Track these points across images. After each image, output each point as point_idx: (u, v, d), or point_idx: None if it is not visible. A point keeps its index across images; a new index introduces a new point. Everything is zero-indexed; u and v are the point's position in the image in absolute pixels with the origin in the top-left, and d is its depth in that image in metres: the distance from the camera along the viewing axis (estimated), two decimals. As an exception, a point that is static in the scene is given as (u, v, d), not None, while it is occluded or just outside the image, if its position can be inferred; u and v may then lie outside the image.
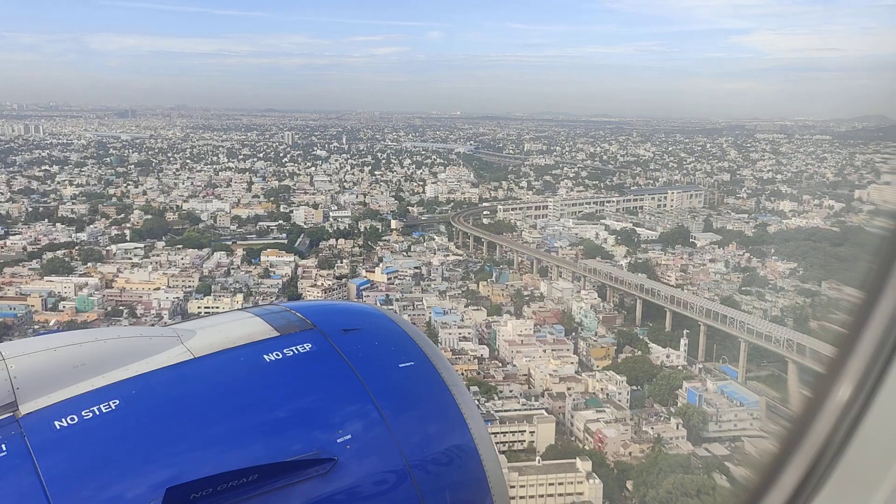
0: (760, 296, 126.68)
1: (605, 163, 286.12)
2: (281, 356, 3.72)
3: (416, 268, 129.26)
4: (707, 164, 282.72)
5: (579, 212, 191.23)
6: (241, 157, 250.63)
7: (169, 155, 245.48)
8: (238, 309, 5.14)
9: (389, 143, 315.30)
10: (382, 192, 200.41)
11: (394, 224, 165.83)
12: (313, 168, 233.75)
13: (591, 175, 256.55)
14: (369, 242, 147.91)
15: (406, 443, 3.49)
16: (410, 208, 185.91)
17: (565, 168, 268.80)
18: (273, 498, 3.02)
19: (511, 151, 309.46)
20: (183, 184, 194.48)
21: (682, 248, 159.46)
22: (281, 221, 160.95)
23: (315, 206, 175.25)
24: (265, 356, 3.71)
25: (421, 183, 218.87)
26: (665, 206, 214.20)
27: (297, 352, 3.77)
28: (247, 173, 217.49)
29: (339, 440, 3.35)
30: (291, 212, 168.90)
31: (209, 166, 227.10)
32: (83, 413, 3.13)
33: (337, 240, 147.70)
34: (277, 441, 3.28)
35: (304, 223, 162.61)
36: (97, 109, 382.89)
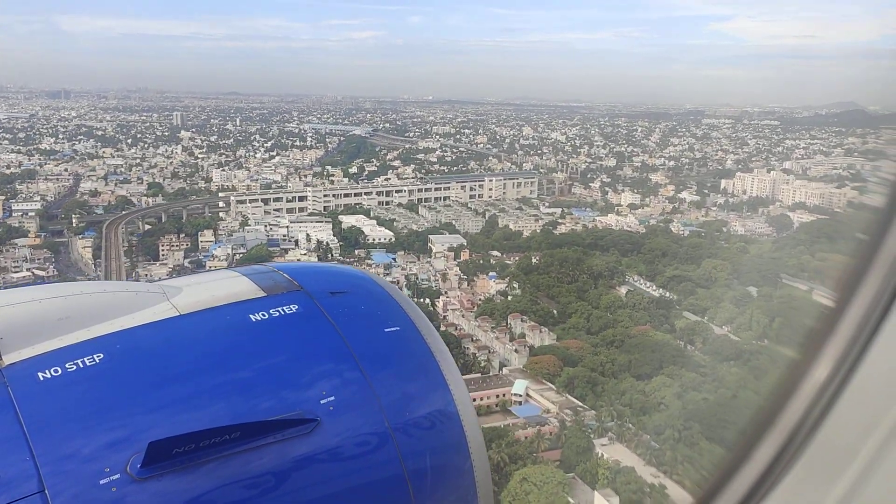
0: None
1: (496, 146, 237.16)
2: (267, 316, 3.31)
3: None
4: (604, 150, 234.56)
5: (349, 204, 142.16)
6: (79, 137, 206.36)
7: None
8: (225, 268, 4.43)
9: (296, 125, 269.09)
10: (155, 178, 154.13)
11: (75, 221, 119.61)
12: (135, 149, 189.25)
13: (457, 159, 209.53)
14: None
15: (389, 406, 3.16)
16: (151, 199, 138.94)
17: (438, 152, 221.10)
18: (255, 456, 2.79)
19: (413, 135, 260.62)
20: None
21: (404, 256, 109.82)
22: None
23: (13, 195, 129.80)
24: (251, 316, 3.30)
25: (234, 167, 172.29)
26: (480, 195, 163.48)
27: (283, 312, 3.35)
28: (38, 156, 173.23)
29: (322, 401, 3.03)
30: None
31: (18, 147, 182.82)
32: (67, 365, 2.84)
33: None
34: (261, 400, 2.97)
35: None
36: (48, 91, 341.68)
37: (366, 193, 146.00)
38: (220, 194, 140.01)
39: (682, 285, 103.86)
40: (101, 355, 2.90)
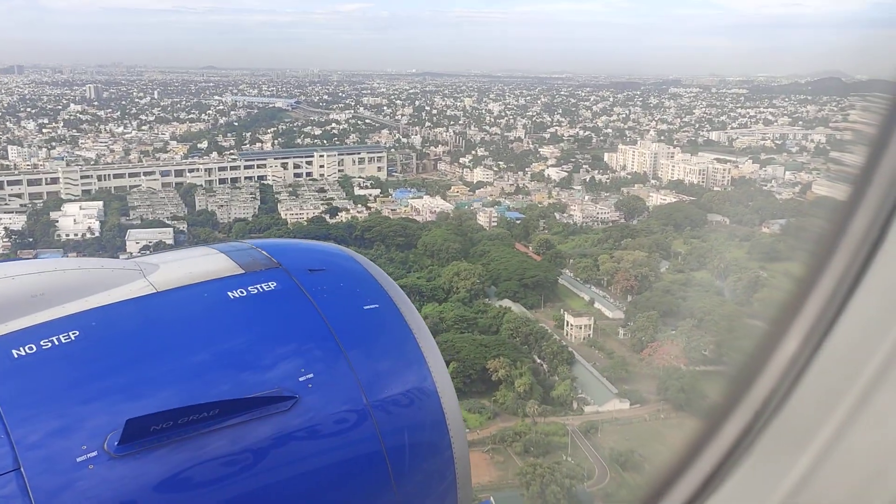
0: None
1: (416, 118, 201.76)
2: (245, 293, 3.06)
3: None
4: (525, 120, 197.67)
5: (122, 186, 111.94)
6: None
7: None
8: (202, 245, 3.94)
9: (219, 98, 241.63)
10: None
11: None
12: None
13: (344, 132, 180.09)
14: None
15: (367, 383, 2.97)
16: None
17: (334, 124, 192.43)
18: (233, 433, 2.60)
19: (340, 107, 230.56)
20: None
21: (76, 258, 79.28)
22: None
23: None
24: (229, 293, 3.05)
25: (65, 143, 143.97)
26: (309, 173, 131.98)
27: (261, 290, 3.10)
28: None
29: (301, 379, 2.84)
30: None
31: None
32: (42, 343, 2.61)
33: None
34: (239, 377, 2.80)
35: None
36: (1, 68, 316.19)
37: (146, 174, 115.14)
38: None
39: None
40: (77, 333, 2.67)
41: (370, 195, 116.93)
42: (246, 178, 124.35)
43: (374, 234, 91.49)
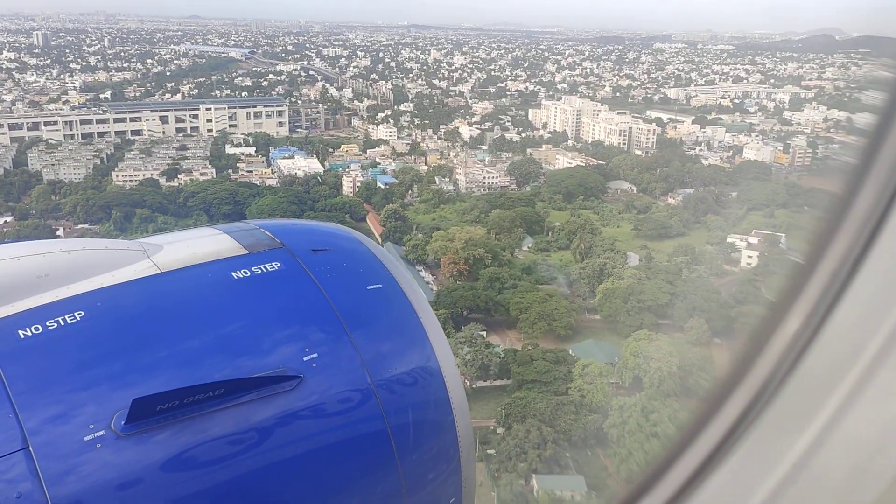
0: None
1: (372, 69, 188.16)
2: (249, 274, 2.98)
3: None
4: (483, 74, 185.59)
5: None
6: None
7: None
8: (206, 226, 3.75)
9: (174, 47, 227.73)
10: None
11: None
12: None
13: (275, 83, 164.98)
14: None
15: (372, 363, 2.91)
16: None
17: (272, 76, 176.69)
18: (238, 412, 2.55)
19: (296, 57, 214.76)
20: None
21: None
22: None
23: None
24: (233, 273, 2.97)
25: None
26: (195, 128, 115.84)
27: (265, 270, 3.02)
28: None
29: (305, 359, 2.78)
30: None
31: None
32: (48, 323, 2.56)
33: None
34: (244, 358, 2.74)
35: None
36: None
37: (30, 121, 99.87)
38: None
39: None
40: (82, 313, 2.62)
41: (242, 154, 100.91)
42: (118, 132, 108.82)
43: (199, 200, 76.30)
